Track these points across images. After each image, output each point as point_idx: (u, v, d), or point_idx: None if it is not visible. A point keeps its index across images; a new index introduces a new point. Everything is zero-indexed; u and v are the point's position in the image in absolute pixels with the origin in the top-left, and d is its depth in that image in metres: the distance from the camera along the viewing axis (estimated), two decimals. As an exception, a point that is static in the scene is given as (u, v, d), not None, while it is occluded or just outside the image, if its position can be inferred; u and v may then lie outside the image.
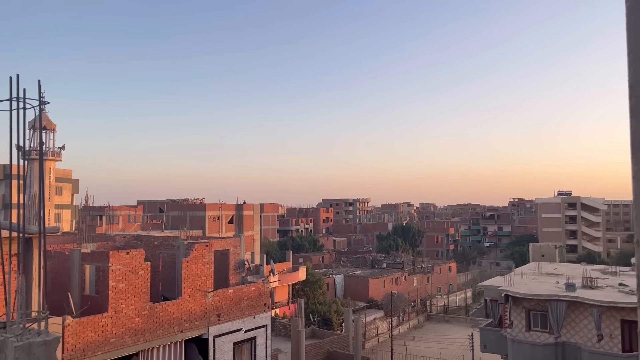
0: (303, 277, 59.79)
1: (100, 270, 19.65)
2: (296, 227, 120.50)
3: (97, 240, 27.46)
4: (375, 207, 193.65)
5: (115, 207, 71.63)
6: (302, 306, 35.18)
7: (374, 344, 58.08)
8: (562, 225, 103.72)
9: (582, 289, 29.75)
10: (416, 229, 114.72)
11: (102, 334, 18.29)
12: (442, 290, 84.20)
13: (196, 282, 22.09)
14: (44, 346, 3.72)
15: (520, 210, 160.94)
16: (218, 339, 22.93)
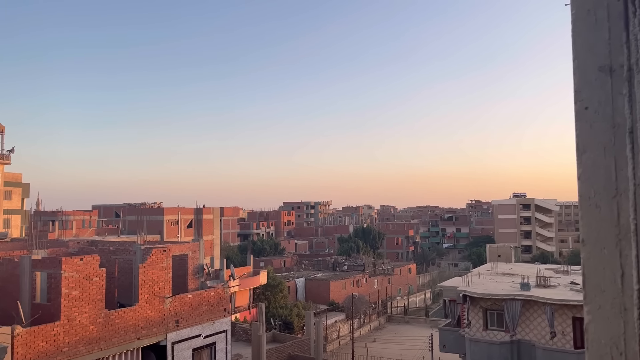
0: (264, 281, 59.42)
1: (52, 277, 18.95)
2: (257, 230, 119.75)
3: (49, 246, 26.49)
4: (336, 210, 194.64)
5: (69, 212, 69.42)
6: (263, 310, 34.94)
7: (335, 347, 58.25)
8: (517, 226, 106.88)
9: (536, 288, 30.69)
10: (377, 231, 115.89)
11: (54, 343, 17.62)
12: (403, 291, 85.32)
13: (154, 287, 21.60)
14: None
15: (478, 212, 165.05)
16: (177, 346, 22.48)
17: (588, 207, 1.79)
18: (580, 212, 1.86)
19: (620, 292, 1.66)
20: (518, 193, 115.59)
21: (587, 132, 1.78)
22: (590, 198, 1.78)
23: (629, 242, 1.62)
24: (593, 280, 1.74)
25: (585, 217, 1.79)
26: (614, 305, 1.67)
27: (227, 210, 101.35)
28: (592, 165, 1.77)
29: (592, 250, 1.74)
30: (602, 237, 1.73)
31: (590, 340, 1.73)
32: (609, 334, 1.68)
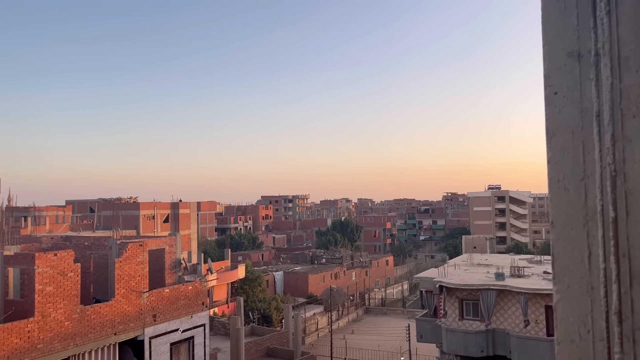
0: (242, 275, 59.27)
1: (25, 273, 18.59)
2: (235, 225, 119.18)
3: (22, 242, 25.97)
4: (314, 204, 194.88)
5: (42, 208, 68.08)
6: (242, 304, 34.89)
7: (314, 339, 58.53)
8: (492, 218, 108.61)
9: (511, 278, 31.28)
10: (354, 224, 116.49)
11: (28, 339, 17.32)
12: (380, 283, 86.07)
13: (130, 282, 21.38)
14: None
15: (454, 204, 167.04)
16: (154, 340, 22.32)
17: (557, 189, 1.85)
18: (549, 195, 1.92)
19: (588, 272, 1.72)
20: (493, 185, 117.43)
21: (556, 116, 1.83)
22: (559, 181, 1.84)
23: (596, 223, 1.68)
24: (562, 261, 1.79)
25: (554, 200, 1.85)
26: (581, 285, 1.73)
27: (204, 205, 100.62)
28: (560, 149, 1.82)
29: (561, 231, 1.80)
30: (571, 218, 1.79)
31: (559, 319, 1.79)
32: (576, 312, 1.74)
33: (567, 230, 1.79)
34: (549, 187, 1.88)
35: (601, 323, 1.58)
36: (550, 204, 1.89)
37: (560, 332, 1.80)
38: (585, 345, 1.71)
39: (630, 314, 1.64)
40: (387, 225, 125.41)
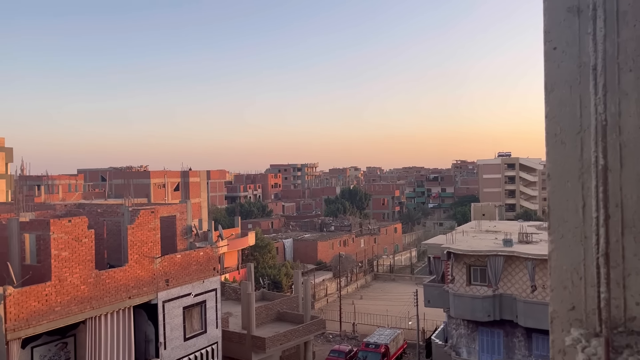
0: (252, 242, 60.01)
1: (41, 239, 19.02)
2: (244, 193, 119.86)
3: (36, 209, 26.44)
4: (323, 172, 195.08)
5: (54, 176, 68.85)
6: (252, 270, 35.43)
7: (323, 304, 59.56)
8: (501, 185, 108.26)
9: (519, 244, 31.43)
10: (363, 192, 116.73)
11: (47, 303, 17.85)
12: (388, 250, 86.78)
13: (142, 248, 21.79)
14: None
15: (463, 172, 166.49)
16: (167, 304, 22.88)
17: (554, 143, 1.91)
18: (546, 149, 1.98)
19: (582, 222, 1.80)
20: (503, 152, 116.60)
21: (555, 71, 1.88)
22: (557, 135, 1.91)
23: (591, 175, 1.75)
24: (557, 212, 1.88)
25: (551, 153, 1.92)
26: (575, 234, 1.81)
27: (214, 173, 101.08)
28: (558, 104, 1.88)
29: (557, 184, 1.87)
30: (567, 171, 1.86)
31: (553, 267, 1.89)
32: (570, 261, 1.83)
33: (562, 183, 1.87)
34: (546, 141, 1.94)
35: (593, 270, 1.66)
36: (547, 157, 1.96)
37: (553, 279, 1.90)
38: (577, 291, 1.80)
39: (621, 260, 1.73)
40: (395, 193, 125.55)
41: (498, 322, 30.97)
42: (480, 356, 32.00)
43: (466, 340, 32.67)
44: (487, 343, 32.19)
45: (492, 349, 31.97)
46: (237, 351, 29.12)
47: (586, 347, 1.64)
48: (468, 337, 32.60)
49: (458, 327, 33.00)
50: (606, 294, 1.66)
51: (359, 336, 49.06)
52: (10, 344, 16.78)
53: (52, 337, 20.38)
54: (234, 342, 28.94)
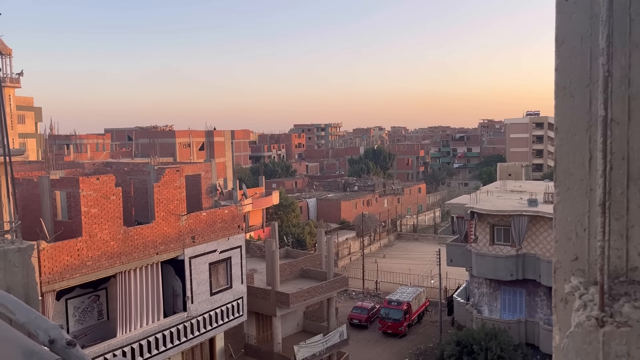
0: (276, 201, 60.70)
1: (72, 196, 19.63)
2: (268, 153, 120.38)
3: (66, 167, 27.14)
4: (347, 132, 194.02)
5: (82, 136, 70.14)
6: (276, 228, 35.98)
7: (346, 263, 60.43)
8: (529, 145, 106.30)
9: (544, 204, 31.12)
10: (387, 152, 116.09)
11: (78, 257, 18.58)
12: (412, 210, 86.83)
13: (169, 206, 22.31)
14: (19, 252, 3.86)
15: (490, 131, 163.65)
16: (194, 260, 23.55)
17: (563, 96, 1.92)
18: (555, 102, 1.99)
19: (587, 174, 1.82)
20: (531, 111, 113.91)
21: (566, 23, 1.87)
22: (566, 88, 1.91)
23: (598, 128, 1.76)
24: (563, 165, 1.90)
25: (560, 106, 1.93)
26: (581, 187, 1.84)
27: (238, 133, 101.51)
28: (569, 56, 1.87)
29: (564, 137, 1.89)
30: (574, 124, 1.88)
31: (558, 219, 1.93)
32: (574, 213, 1.87)
33: (570, 136, 1.88)
34: (555, 94, 1.95)
35: (597, 222, 1.69)
36: (555, 110, 1.97)
37: (558, 231, 1.94)
38: (581, 243, 1.85)
39: (625, 212, 1.76)
40: (420, 153, 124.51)
41: (520, 282, 31.08)
42: (501, 314, 32.32)
43: (488, 298, 32.96)
44: (509, 302, 32.42)
45: (514, 308, 32.22)
46: (261, 306, 29.97)
47: (584, 294, 1.69)
48: (490, 296, 32.87)
49: (480, 286, 33.25)
50: (609, 244, 1.70)
51: (381, 294, 49.85)
52: (46, 296, 17.64)
53: (85, 290, 21.30)
54: (258, 297, 29.75)
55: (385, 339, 40.52)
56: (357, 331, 41.30)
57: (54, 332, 3.35)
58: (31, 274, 3.84)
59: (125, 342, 20.53)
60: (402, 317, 40.78)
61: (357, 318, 43.31)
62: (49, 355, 3.01)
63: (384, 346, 39.29)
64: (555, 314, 1.84)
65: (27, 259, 4.02)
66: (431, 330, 41.68)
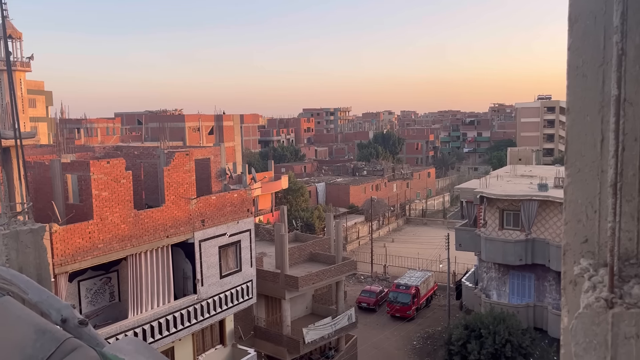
0: (285, 186, 60.85)
1: (82, 179, 19.79)
2: (277, 137, 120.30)
3: (77, 151, 27.33)
4: (356, 116, 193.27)
5: (93, 120, 70.47)
6: (285, 212, 36.11)
7: (355, 247, 60.65)
8: (540, 129, 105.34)
9: (554, 189, 30.93)
10: (396, 136, 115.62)
11: (90, 240, 18.80)
12: (421, 195, 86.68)
13: (179, 189, 22.44)
14: (31, 234, 3.91)
15: (501, 115, 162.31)
16: (203, 243, 23.74)
17: (575, 76, 1.89)
18: (567, 82, 1.96)
19: (599, 156, 1.80)
20: (543, 95, 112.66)
21: (580, 1, 1.83)
22: (578, 67, 1.88)
23: (611, 108, 1.73)
24: (575, 146, 1.88)
25: (572, 86, 1.90)
26: (592, 168, 1.82)
27: (247, 117, 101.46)
28: (582, 35, 1.84)
29: (576, 117, 1.86)
30: (587, 105, 1.85)
31: (568, 201, 1.91)
32: (585, 194, 1.85)
33: (582, 117, 1.86)
34: (568, 74, 1.92)
35: (608, 203, 1.68)
36: (567, 91, 1.94)
37: (568, 213, 1.93)
38: (591, 224, 1.83)
39: (636, 194, 1.74)
40: (430, 137, 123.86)
41: (529, 266, 31.04)
42: (510, 299, 32.36)
43: (496, 283, 32.99)
44: (517, 286, 32.44)
45: (523, 292, 32.25)
46: (271, 289, 30.23)
47: (593, 276, 1.69)
48: (498, 280, 32.89)
49: (489, 271, 33.27)
50: (620, 226, 1.69)
51: (390, 278, 50.07)
52: (58, 278, 17.90)
53: (97, 272, 21.58)
54: (268, 280, 30.00)
55: (393, 323, 40.79)
56: (365, 314, 41.60)
57: (66, 311, 3.40)
58: (43, 255, 3.90)
59: (137, 323, 20.84)
60: (410, 301, 40.98)
61: (366, 301, 43.58)
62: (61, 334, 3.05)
63: (392, 329, 39.57)
64: (564, 296, 1.83)
65: (39, 240, 4.07)
66: (439, 314, 41.87)
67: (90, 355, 2.81)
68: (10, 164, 12.52)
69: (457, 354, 27.95)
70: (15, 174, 12.03)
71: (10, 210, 4.23)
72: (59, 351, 2.88)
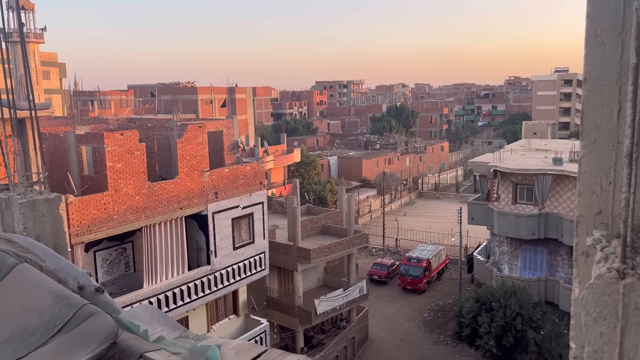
0: (298, 159, 60.89)
1: (97, 151, 19.98)
2: (290, 110, 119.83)
3: (91, 123, 27.51)
4: (369, 89, 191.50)
5: (106, 92, 70.68)
6: (297, 185, 36.19)
7: (367, 220, 60.85)
8: (556, 102, 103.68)
9: (569, 163, 30.60)
10: (410, 110, 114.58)
11: (105, 211, 19.07)
12: (434, 169, 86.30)
13: (192, 162, 22.56)
14: (47, 203, 3.96)
15: (516, 88, 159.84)
16: (217, 215, 23.97)
17: (594, 45, 1.85)
18: (585, 51, 1.92)
19: (616, 126, 1.77)
20: (560, 68, 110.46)
21: (599, -33, 1.78)
22: (597, 36, 1.83)
23: (629, 78, 1.69)
24: (591, 117, 1.85)
25: (590, 56, 1.85)
26: (608, 139, 1.79)
27: (260, 90, 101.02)
28: (601, 2, 1.79)
29: (593, 88, 1.83)
30: (604, 74, 1.81)
31: (582, 172, 1.89)
32: (600, 166, 1.82)
33: (599, 87, 1.82)
34: (586, 43, 1.87)
35: (623, 175, 1.66)
36: (585, 60, 1.90)
37: (582, 185, 1.91)
38: (606, 196, 1.81)
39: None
40: (444, 110, 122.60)
41: (542, 240, 30.97)
42: (522, 273, 32.41)
43: (508, 257, 33.02)
44: (529, 260, 32.45)
45: (535, 266, 32.27)
46: (283, 261, 30.57)
47: (606, 247, 1.68)
48: (510, 254, 32.91)
49: (501, 245, 33.27)
50: (634, 197, 1.67)
51: (401, 251, 50.31)
52: (75, 248, 18.24)
53: (112, 243, 21.95)
54: (280, 252, 30.31)
55: (404, 295, 41.16)
56: (376, 287, 41.99)
57: (83, 278, 3.47)
58: (59, 224, 3.96)
59: (152, 293, 21.26)
60: (421, 274, 41.22)
61: (377, 274, 43.93)
62: (78, 300, 3.12)
63: (403, 301, 39.95)
64: (576, 267, 1.83)
65: (55, 209, 4.14)
66: (450, 287, 42.13)
67: (106, 321, 2.89)
68: (25, 135, 12.65)
69: (468, 327, 28.20)
70: (31, 145, 12.17)
71: (27, 180, 4.29)
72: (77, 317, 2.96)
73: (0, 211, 4.02)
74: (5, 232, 3.97)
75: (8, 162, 4.32)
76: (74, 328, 2.84)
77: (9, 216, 4.06)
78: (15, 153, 4.00)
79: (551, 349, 26.25)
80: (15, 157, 4.04)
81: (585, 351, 1.58)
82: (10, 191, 4.14)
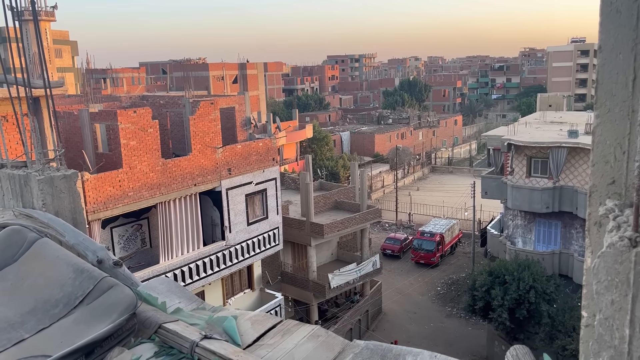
0: (310, 135, 60.77)
1: (111, 129, 20.13)
2: (301, 86, 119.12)
3: (104, 101, 27.64)
4: (381, 63, 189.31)
5: (118, 70, 70.75)
6: (310, 161, 36.21)
7: (379, 195, 60.88)
8: (572, 74, 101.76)
9: (585, 135, 30.16)
10: (423, 83, 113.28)
11: (120, 188, 19.31)
12: (447, 143, 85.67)
13: (205, 138, 22.65)
14: (64, 179, 4.03)
15: (531, 60, 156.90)
16: (230, 191, 24.15)
17: (609, 12, 1.82)
18: (600, 19, 1.89)
19: (630, 95, 1.75)
20: (577, 38, 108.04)
21: None
22: (612, 3, 1.80)
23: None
24: (606, 86, 1.83)
25: (605, 23, 1.83)
26: (622, 108, 1.78)
27: (271, 66, 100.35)
28: (617, -32, 1.76)
29: (608, 56, 1.81)
30: (620, 42, 1.78)
31: (596, 142, 1.88)
32: (614, 135, 1.81)
33: (614, 55, 1.80)
34: (601, 10, 1.84)
35: (637, 144, 1.65)
36: (600, 28, 1.87)
37: (596, 154, 1.90)
38: (619, 166, 1.81)
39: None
40: (457, 84, 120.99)
41: (556, 214, 30.78)
42: (535, 246, 32.33)
43: (522, 230, 32.91)
44: (543, 234, 32.32)
45: (549, 240, 32.14)
46: (297, 236, 30.82)
47: (618, 216, 1.68)
48: (524, 228, 32.79)
49: (515, 218, 33.14)
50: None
51: (414, 226, 50.39)
52: (92, 225, 18.56)
53: (128, 219, 22.28)
54: (294, 227, 30.54)
55: (417, 269, 41.39)
56: (389, 261, 42.25)
57: (102, 252, 3.55)
58: (77, 200, 4.04)
59: (168, 268, 21.62)
60: (434, 248, 41.35)
61: (390, 249, 44.15)
62: (97, 273, 3.20)
63: (416, 275, 40.20)
64: (588, 237, 1.83)
65: (72, 185, 4.21)
66: (463, 261, 42.25)
67: (125, 293, 2.97)
68: (40, 113, 12.77)
69: (481, 300, 28.33)
70: (47, 123, 12.30)
71: (44, 157, 4.36)
72: (97, 289, 3.04)
73: (19, 188, 4.11)
74: (24, 208, 4.06)
75: (25, 139, 4.39)
76: (95, 300, 2.93)
77: (27, 192, 4.14)
78: (32, 131, 4.07)
79: (564, 321, 26.31)
80: (33, 135, 4.11)
81: (596, 319, 1.60)
82: (29, 168, 4.22)
